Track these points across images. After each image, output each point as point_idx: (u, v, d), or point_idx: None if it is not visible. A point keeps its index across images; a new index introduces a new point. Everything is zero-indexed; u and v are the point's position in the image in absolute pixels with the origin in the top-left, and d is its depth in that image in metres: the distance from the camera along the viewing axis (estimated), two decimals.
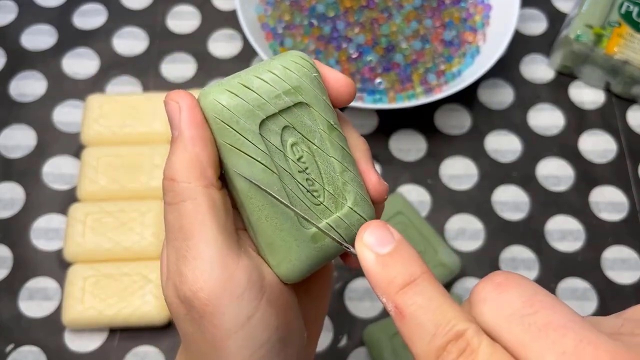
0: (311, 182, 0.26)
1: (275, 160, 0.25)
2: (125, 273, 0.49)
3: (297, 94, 0.26)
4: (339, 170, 0.26)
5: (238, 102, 0.24)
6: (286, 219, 0.25)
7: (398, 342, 0.47)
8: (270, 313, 0.25)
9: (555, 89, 0.60)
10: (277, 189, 0.25)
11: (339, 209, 0.26)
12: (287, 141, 0.26)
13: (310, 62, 0.27)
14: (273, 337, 0.25)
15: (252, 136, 0.25)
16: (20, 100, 0.59)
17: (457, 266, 0.50)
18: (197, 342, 0.25)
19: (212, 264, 0.24)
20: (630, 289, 0.52)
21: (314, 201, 0.26)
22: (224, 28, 0.63)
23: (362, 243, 0.23)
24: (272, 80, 0.25)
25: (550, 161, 0.57)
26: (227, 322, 0.24)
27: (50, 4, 0.63)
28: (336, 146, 0.26)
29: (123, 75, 0.60)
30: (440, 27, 0.59)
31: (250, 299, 0.24)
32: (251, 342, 0.24)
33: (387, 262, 0.22)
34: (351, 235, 0.26)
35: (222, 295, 0.24)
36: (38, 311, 0.50)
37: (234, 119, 0.24)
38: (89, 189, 0.52)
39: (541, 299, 0.20)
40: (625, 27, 0.57)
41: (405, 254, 0.22)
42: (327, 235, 0.26)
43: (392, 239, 0.23)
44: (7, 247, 0.52)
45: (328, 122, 0.26)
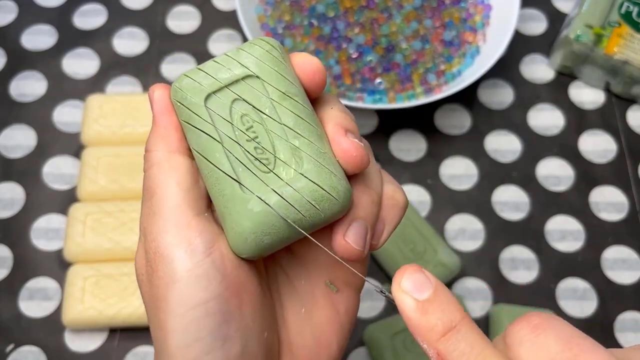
0: (261, 151, 0.26)
1: (219, 129, 0.26)
2: (125, 273, 0.49)
3: (245, 68, 0.27)
4: (291, 136, 0.26)
5: (188, 82, 0.27)
6: (227, 185, 0.26)
7: (398, 342, 0.47)
8: (215, 274, 0.25)
9: (555, 89, 0.60)
10: (218, 155, 0.26)
11: (289, 176, 0.26)
12: (237, 113, 0.26)
13: (270, 43, 0.28)
14: (212, 302, 0.25)
15: (198, 109, 0.26)
16: (20, 100, 0.59)
17: (457, 266, 0.50)
18: (149, 303, 0.26)
19: (167, 217, 0.26)
20: (630, 289, 0.52)
21: (262, 169, 0.26)
22: (224, 28, 0.63)
23: (400, 289, 0.23)
24: (223, 60, 0.27)
25: (550, 161, 0.57)
26: (169, 271, 0.25)
27: (50, 4, 0.63)
28: (288, 114, 0.26)
29: (123, 75, 0.60)
30: (440, 27, 0.59)
31: (195, 253, 0.25)
32: (187, 298, 0.24)
33: (427, 308, 0.22)
34: (303, 204, 0.25)
35: (169, 245, 0.25)
36: (38, 311, 0.50)
37: (183, 96, 0.27)
38: (89, 189, 0.52)
39: (579, 342, 0.20)
40: (625, 27, 0.57)
41: (444, 299, 0.22)
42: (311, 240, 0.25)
43: (430, 283, 0.23)
44: (7, 247, 0.52)
45: (279, 92, 0.27)
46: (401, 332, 0.47)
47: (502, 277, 0.52)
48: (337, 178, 0.26)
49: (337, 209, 0.26)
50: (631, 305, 0.51)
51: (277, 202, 0.25)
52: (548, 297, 0.52)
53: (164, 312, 0.25)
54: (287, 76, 0.27)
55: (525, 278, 0.52)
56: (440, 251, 0.50)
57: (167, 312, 0.25)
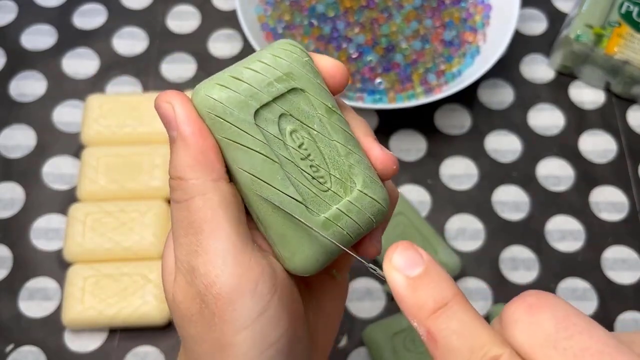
0: (316, 169, 0.25)
1: (274, 149, 0.24)
2: (125, 273, 0.49)
3: (290, 80, 0.25)
4: (344, 153, 0.26)
5: (230, 95, 0.24)
6: (293, 208, 0.24)
7: (398, 342, 0.47)
8: (282, 312, 0.24)
9: (555, 89, 0.60)
10: (280, 178, 0.24)
11: (348, 194, 0.26)
12: (286, 129, 0.25)
13: (300, 48, 0.26)
14: (282, 339, 0.24)
15: (248, 127, 0.24)
16: (20, 100, 0.59)
17: (457, 266, 0.50)
18: (202, 344, 0.25)
19: (225, 257, 0.24)
20: (630, 289, 0.52)
21: (321, 188, 0.25)
22: (224, 28, 0.63)
23: (391, 265, 0.22)
24: (262, 69, 0.25)
25: (550, 161, 0.57)
26: (239, 317, 0.23)
27: (50, 4, 0.63)
28: (337, 129, 0.26)
29: (123, 75, 0.60)
30: (440, 27, 0.59)
31: (263, 294, 0.24)
32: (261, 340, 0.24)
33: (418, 285, 0.22)
34: (364, 219, 0.26)
35: (235, 289, 0.23)
36: (38, 311, 0.50)
37: (227, 111, 0.24)
38: (89, 189, 0.52)
39: (575, 321, 0.19)
40: (625, 27, 0.57)
41: (436, 276, 0.22)
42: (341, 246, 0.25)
43: (422, 260, 0.22)
44: (7, 247, 0.52)
45: (326, 106, 0.26)
46: (401, 332, 0.47)
47: (502, 277, 0.52)
48: (384, 190, 0.27)
49: (383, 218, 0.27)
50: (631, 305, 0.51)
51: (346, 222, 0.25)
52: None
53: (233, 358, 0.24)
54: (326, 87, 0.26)
55: (525, 278, 0.52)
56: (440, 251, 0.50)
57: (238, 357, 0.24)
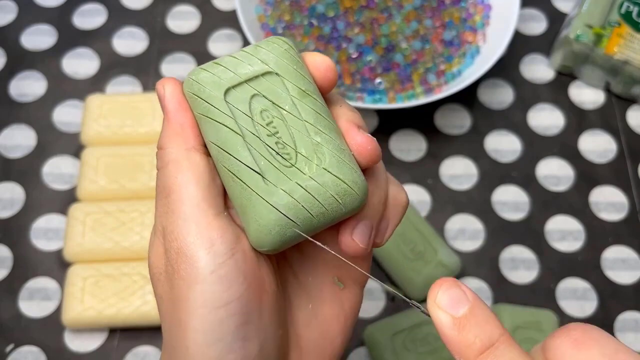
0: (282, 146, 0.26)
1: (240, 123, 0.26)
2: (125, 273, 0.49)
3: (265, 64, 0.27)
4: (312, 133, 0.26)
5: (205, 75, 0.27)
6: (249, 178, 0.25)
7: (398, 342, 0.47)
8: (237, 275, 0.25)
9: (555, 89, 0.60)
10: (240, 149, 0.26)
11: (311, 171, 0.26)
12: (257, 108, 0.27)
13: (285, 41, 0.28)
14: (234, 303, 0.25)
15: (217, 102, 0.26)
16: (20, 100, 0.59)
17: (457, 266, 0.50)
18: (166, 302, 0.26)
19: (187, 216, 0.25)
20: (630, 289, 0.52)
21: (284, 163, 0.26)
22: (224, 28, 0.63)
23: (436, 304, 0.22)
24: (241, 56, 0.27)
25: (550, 161, 0.57)
26: (192, 272, 0.25)
27: (50, 4, 0.63)
28: (308, 110, 0.27)
29: (123, 75, 0.60)
30: (440, 27, 0.59)
31: (219, 254, 0.25)
32: (210, 299, 0.24)
33: (464, 325, 0.22)
34: (326, 197, 0.26)
35: (191, 245, 0.25)
36: (38, 311, 0.50)
37: (201, 89, 0.26)
38: (89, 189, 0.52)
39: (623, 357, 0.19)
40: (625, 27, 0.57)
41: (482, 315, 0.22)
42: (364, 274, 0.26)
43: (467, 299, 0.22)
44: (7, 247, 0.52)
45: (299, 89, 0.27)
46: (401, 332, 0.47)
47: (502, 277, 0.52)
48: (357, 173, 0.26)
49: (357, 204, 0.26)
50: (631, 305, 0.51)
51: (302, 195, 0.25)
52: (548, 297, 0.52)
53: (185, 313, 0.25)
54: (304, 74, 0.27)
55: (525, 278, 0.52)
56: (440, 251, 0.50)
57: (189, 313, 0.25)
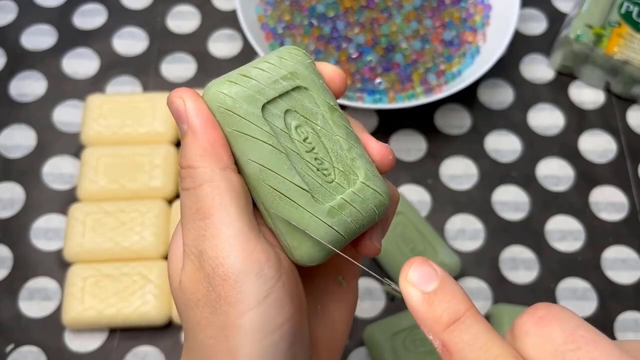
0: (320, 161, 0.27)
1: (281, 141, 0.26)
2: (125, 273, 0.49)
3: (295, 79, 0.27)
4: (346, 147, 0.27)
5: (238, 89, 0.26)
6: (300, 197, 0.26)
7: (398, 342, 0.47)
8: (286, 298, 0.25)
9: (555, 89, 0.60)
10: (286, 167, 0.26)
11: (351, 185, 0.27)
12: (291, 124, 0.26)
13: (303, 52, 0.28)
14: (286, 325, 0.25)
15: (256, 119, 0.25)
16: (20, 100, 0.59)
17: (457, 266, 0.50)
18: (207, 329, 0.25)
19: (231, 241, 0.25)
20: (630, 289, 0.52)
21: (325, 179, 0.27)
22: (224, 28, 0.63)
23: (407, 281, 0.23)
24: (269, 68, 0.27)
25: (550, 161, 0.57)
26: (244, 299, 0.24)
27: (50, 4, 0.63)
28: (339, 125, 0.27)
29: (123, 75, 0.60)
30: (440, 27, 0.59)
31: (268, 278, 0.25)
32: (265, 324, 0.24)
33: (433, 300, 0.23)
34: (367, 210, 0.27)
35: (241, 271, 0.24)
36: (38, 311, 0.50)
37: (237, 104, 0.25)
38: (89, 189, 0.52)
39: (582, 334, 0.20)
40: (625, 27, 0.57)
41: (450, 291, 0.23)
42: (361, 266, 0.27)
43: (436, 275, 0.23)
44: (7, 247, 0.52)
45: (328, 104, 0.27)
46: (401, 332, 0.47)
47: (502, 277, 0.52)
48: (385, 183, 0.28)
49: (385, 211, 0.28)
50: (631, 305, 0.51)
51: (350, 211, 0.26)
52: (548, 297, 0.51)
53: (237, 340, 0.25)
54: (327, 88, 0.28)
55: (525, 278, 0.52)
56: (440, 251, 0.50)
57: (242, 340, 0.25)
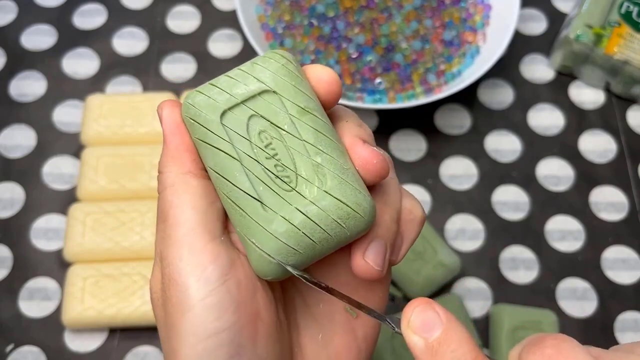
0: (281, 168, 0.25)
1: (237, 147, 0.25)
2: (125, 273, 0.49)
3: (261, 83, 0.26)
4: (312, 153, 0.25)
5: (202, 98, 0.26)
6: (248, 205, 0.25)
7: (398, 342, 0.47)
8: (228, 304, 0.24)
9: (555, 89, 0.60)
10: (237, 174, 0.25)
11: (312, 194, 0.25)
12: (255, 129, 0.26)
13: (282, 55, 0.27)
14: (225, 334, 0.24)
15: (214, 126, 0.25)
16: (20, 100, 0.59)
17: (457, 266, 0.50)
18: (162, 328, 0.26)
19: (181, 242, 0.25)
20: (630, 289, 0.52)
21: (284, 187, 0.25)
22: (224, 28, 0.63)
23: (409, 327, 0.22)
24: (237, 75, 0.26)
25: (550, 161, 0.57)
26: (183, 299, 0.24)
27: (50, 4, 0.63)
28: (308, 129, 0.26)
29: (123, 75, 0.60)
30: (440, 27, 0.59)
31: (210, 281, 0.24)
32: (200, 328, 0.24)
33: (437, 349, 0.21)
34: (328, 223, 0.24)
35: (184, 272, 0.24)
36: (38, 311, 0.50)
37: (197, 113, 0.26)
38: (89, 189, 0.52)
39: None
40: (625, 27, 0.57)
41: (456, 339, 0.21)
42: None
43: (440, 321, 0.22)
44: (7, 247, 0.52)
45: (298, 107, 0.26)
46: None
47: (502, 277, 0.52)
48: (362, 195, 0.25)
49: (363, 227, 0.25)
50: (631, 305, 0.51)
51: (302, 222, 0.24)
52: (548, 297, 0.52)
53: (176, 341, 0.24)
54: (304, 90, 0.26)
55: (525, 278, 0.52)
56: (440, 251, 0.50)
57: (180, 342, 0.24)
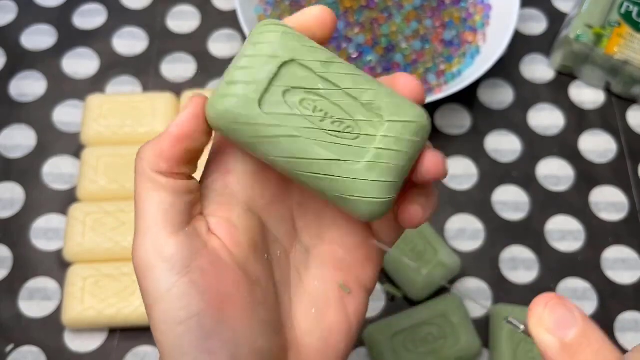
0: (339, 123, 0.26)
1: (291, 124, 0.25)
2: (125, 273, 0.49)
3: (276, 58, 0.26)
4: (357, 95, 0.26)
5: (231, 101, 0.25)
6: (334, 168, 0.25)
7: (398, 342, 0.47)
8: (193, 293, 0.25)
9: (555, 89, 0.60)
10: (308, 148, 0.25)
11: (380, 129, 0.26)
12: (295, 101, 0.26)
13: (274, 23, 0.27)
14: (192, 321, 0.25)
15: (260, 119, 0.25)
16: (20, 100, 0.59)
17: (457, 266, 0.50)
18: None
19: (145, 234, 0.26)
20: (630, 289, 0.52)
21: (351, 137, 0.26)
22: (224, 28, 0.63)
23: (541, 325, 0.20)
24: (249, 62, 0.26)
25: (550, 161, 0.57)
26: (151, 292, 0.25)
27: (50, 4, 0.63)
28: (341, 77, 0.26)
29: (123, 75, 0.60)
30: (440, 27, 0.59)
31: (171, 273, 0.25)
32: (169, 317, 0.25)
33: (575, 350, 0.19)
34: (406, 143, 0.26)
35: (148, 264, 0.25)
36: (38, 311, 0.50)
37: (235, 116, 0.25)
38: (89, 189, 0.52)
39: None
40: (625, 27, 0.57)
41: (595, 340, 0.20)
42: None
43: (575, 320, 0.20)
44: (7, 247, 0.52)
45: (320, 62, 0.26)
46: (401, 332, 0.47)
47: (502, 277, 0.52)
48: (414, 106, 0.26)
49: (428, 129, 0.27)
50: (631, 305, 0.51)
51: (385, 155, 0.26)
52: None
53: (152, 327, 0.26)
54: (313, 44, 0.27)
55: (525, 278, 0.52)
56: (440, 251, 0.50)
57: (154, 328, 0.26)
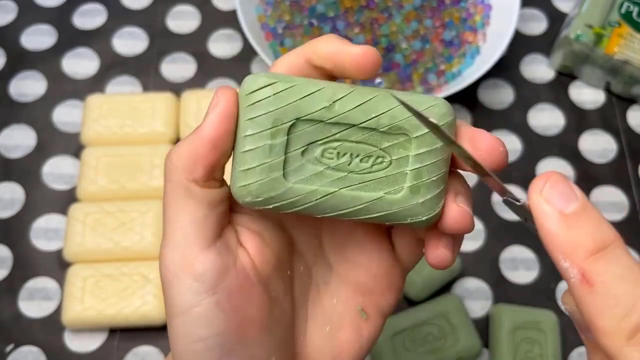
0: (367, 158, 0.25)
1: (324, 180, 0.25)
2: (125, 273, 0.49)
3: (280, 127, 0.24)
4: (374, 124, 0.25)
5: (258, 188, 0.25)
6: (382, 205, 0.25)
7: (398, 342, 0.47)
8: (217, 314, 0.24)
9: (555, 89, 0.60)
10: (351, 197, 0.25)
11: (410, 149, 0.25)
12: (316, 157, 0.25)
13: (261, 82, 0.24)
14: (211, 341, 0.24)
15: (290, 193, 0.25)
16: (20, 100, 0.59)
17: (457, 266, 0.50)
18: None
19: (175, 247, 0.25)
20: None
21: (384, 166, 0.25)
22: (224, 28, 0.63)
23: (542, 197, 0.20)
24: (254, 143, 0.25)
25: (550, 161, 0.57)
26: (175, 304, 0.25)
27: (50, 4, 0.63)
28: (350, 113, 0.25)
29: (123, 75, 0.60)
30: (440, 27, 0.59)
31: (198, 291, 0.24)
32: (188, 333, 0.24)
33: (573, 222, 0.20)
34: (442, 151, 0.25)
35: (175, 278, 0.25)
36: (38, 311, 0.50)
37: (267, 200, 0.25)
38: (89, 189, 0.52)
39: None
40: (625, 27, 0.57)
41: (594, 216, 0.20)
42: None
43: (576, 196, 0.20)
44: (7, 247, 0.52)
45: (323, 109, 0.25)
46: (401, 332, 0.47)
47: (502, 277, 0.52)
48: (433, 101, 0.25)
49: (450, 114, 0.25)
50: None
51: (428, 169, 0.25)
52: (548, 297, 0.52)
53: (170, 336, 0.25)
54: (311, 88, 0.25)
55: (525, 278, 0.52)
56: None
57: (173, 341, 0.25)
